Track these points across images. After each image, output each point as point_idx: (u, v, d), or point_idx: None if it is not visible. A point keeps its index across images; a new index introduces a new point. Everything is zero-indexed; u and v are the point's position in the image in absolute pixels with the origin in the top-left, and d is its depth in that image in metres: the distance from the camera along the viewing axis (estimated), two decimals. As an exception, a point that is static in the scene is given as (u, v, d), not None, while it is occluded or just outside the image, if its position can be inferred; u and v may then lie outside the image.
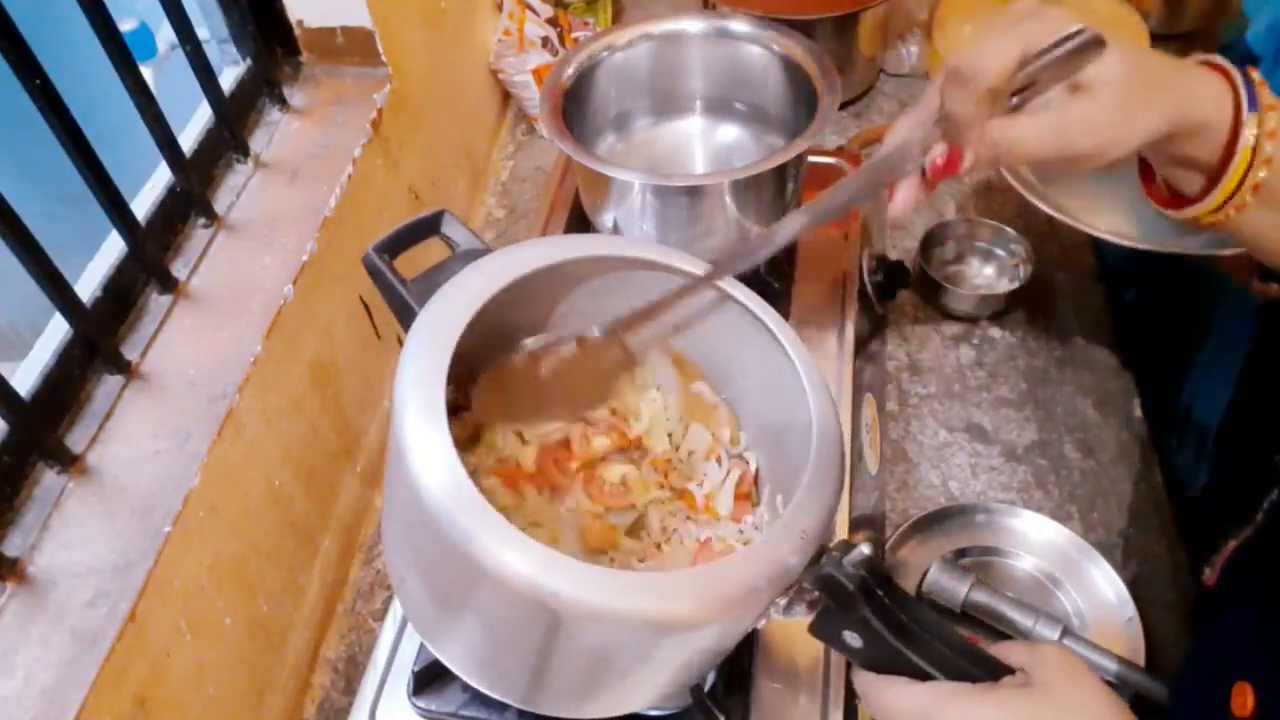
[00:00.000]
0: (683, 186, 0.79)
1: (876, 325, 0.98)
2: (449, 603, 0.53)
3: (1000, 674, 0.49)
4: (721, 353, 0.64)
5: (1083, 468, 0.93)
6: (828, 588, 0.48)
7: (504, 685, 0.57)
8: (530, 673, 0.53)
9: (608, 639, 0.48)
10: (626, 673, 0.52)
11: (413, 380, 0.47)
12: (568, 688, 0.55)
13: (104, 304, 0.72)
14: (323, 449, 0.86)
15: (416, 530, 0.50)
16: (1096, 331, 1.04)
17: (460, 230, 0.61)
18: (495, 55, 1.25)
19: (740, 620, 0.49)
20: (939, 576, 0.81)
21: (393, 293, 0.58)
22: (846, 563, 0.47)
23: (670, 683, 0.55)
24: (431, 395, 0.46)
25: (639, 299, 0.59)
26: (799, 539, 0.47)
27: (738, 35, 0.90)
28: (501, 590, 0.44)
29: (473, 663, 0.57)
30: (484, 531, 0.43)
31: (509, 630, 0.51)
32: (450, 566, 0.48)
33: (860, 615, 0.48)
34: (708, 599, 0.45)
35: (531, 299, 0.59)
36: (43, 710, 0.56)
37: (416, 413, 0.46)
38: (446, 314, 0.51)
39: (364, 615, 0.89)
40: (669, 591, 0.44)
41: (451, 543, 0.44)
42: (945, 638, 0.50)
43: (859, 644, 0.50)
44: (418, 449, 0.45)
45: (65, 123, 0.67)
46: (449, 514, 0.44)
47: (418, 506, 0.45)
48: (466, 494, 0.44)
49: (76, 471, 0.66)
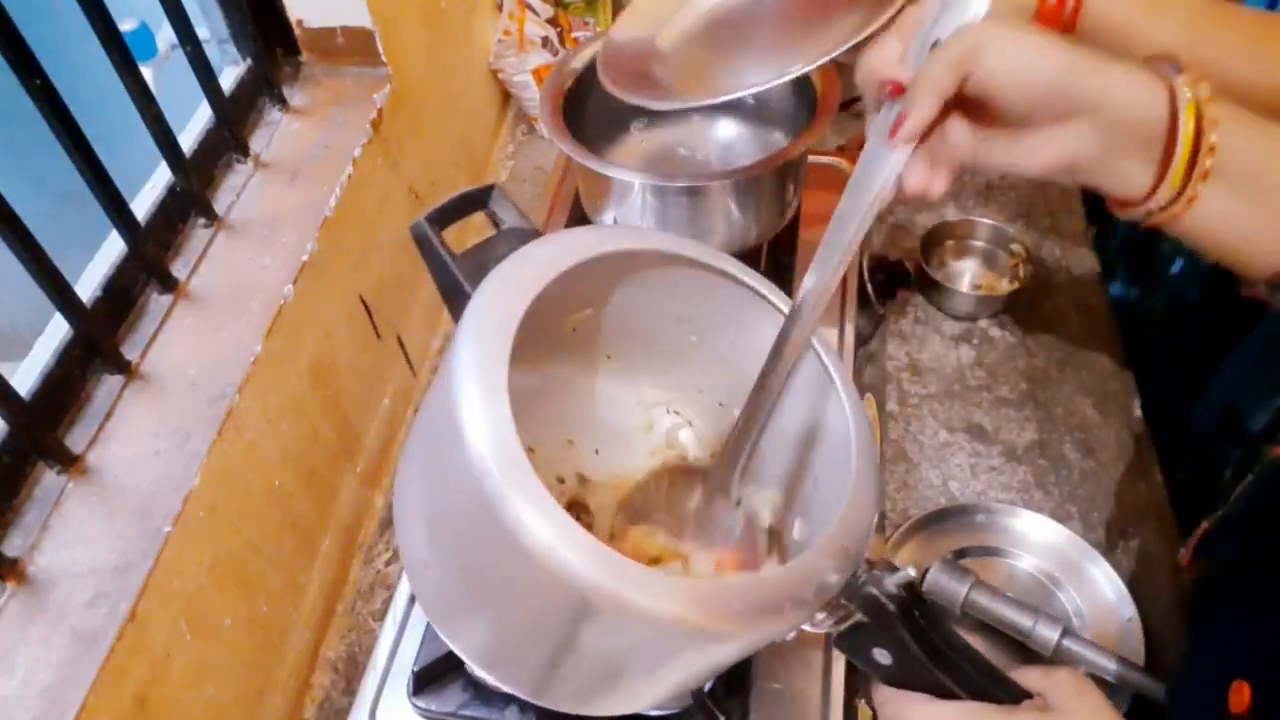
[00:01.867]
0: (683, 186, 0.79)
1: (876, 325, 0.98)
2: (473, 583, 0.52)
3: (1020, 698, 0.51)
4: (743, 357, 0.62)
5: (1083, 468, 0.93)
6: (867, 607, 0.48)
7: (516, 677, 0.56)
8: (546, 664, 0.52)
9: (633, 638, 0.47)
10: (643, 673, 0.52)
11: (472, 364, 0.45)
12: (580, 683, 0.54)
13: (104, 304, 0.72)
14: (323, 449, 0.86)
15: (452, 501, 0.48)
16: (1096, 331, 1.04)
17: (508, 207, 0.61)
18: (495, 55, 1.25)
19: (772, 634, 0.49)
20: (939, 576, 0.81)
21: (442, 267, 0.57)
22: (889, 583, 0.48)
23: (682, 686, 0.55)
24: (493, 373, 0.45)
25: (683, 296, 0.59)
26: (842, 556, 0.47)
27: (738, 35, 0.90)
28: (533, 569, 0.42)
29: (487, 652, 0.56)
30: (530, 505, 0.42)
31: (533, 615, 0.49)
32: (483, 539, 0.46)
33: (897, 635, 0.49)
34: (747, 611, 0.44)
35: (578, 284, 0.56)
36: (43, 710, 0.56)
37: (476, 390, 0.44)
38: (503, 303, 0.49)
39: (364, 615, 0.89)
40: (709, 599, 0.43)
41: (491, 512, 0.42)
42: (973, 660, 0.51)
43: (888, 661, 0.51)
44: (474, 418, 0.43)
45: (65, 123, 0.66)
46: (499, 483, 0.42)
47: (462, 473, 0.43)
48: (518, 464, 0.42)
49: (76, 471, 0.66)
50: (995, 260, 1.10)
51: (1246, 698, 0.51)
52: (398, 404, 1.00)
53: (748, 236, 0.85)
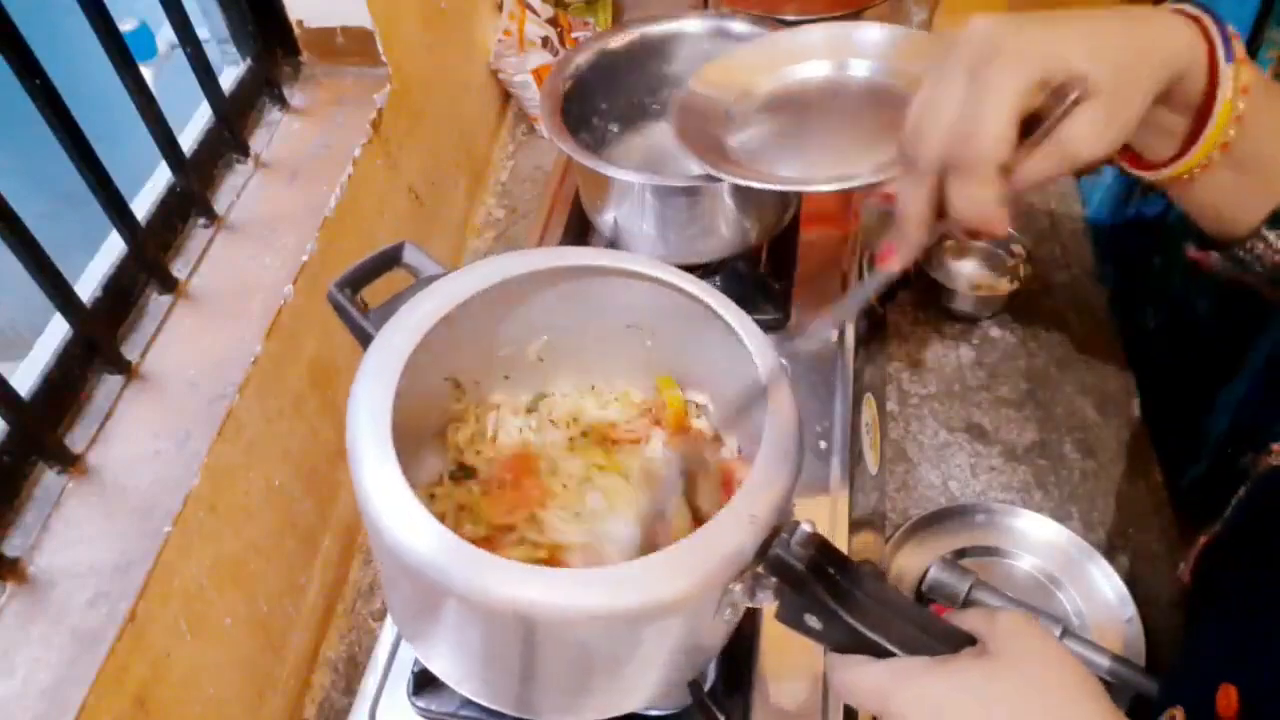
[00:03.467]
0: (683, 186, 0.79)
1: (876, 325, 0.98)
2: (427, 623, 0.54)
3: (960, 646, 0.48)
4: (696, 357, 0.64)
5: (1083, 468, 0.94)
6: (778, 570, 0.47)
7: (498, 696, 0.58)
8: (518, 680, 0.53)
9: (581, 639, 0.48)
10: (612, 671, 0.53)
11: (364, 406, 0.50)
12: (558, 692, 0.55)
13: (104, 304, 0.72)
14: (323, 449, 0.86)
15: (381, 553, 0.52)
16: (1096, 331, 1.04)
17: (421, 258, 0.62)
18: (495, 55, 1.25)
19: (702, 608, 0.49)
20: (939, 576, 0.81)
21: (355, 326, 0.59)
22: (793, 542, 0.46)
23: (662, 679, 0.55)
24: (380, 419, 0.49)
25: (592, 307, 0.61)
26: (748, 522, 0.47)
27: (737, 35, 0.90)
28: (470, 608, 0.46)
29: (463, 676, 0.58)
30: (441, 555, 0.45)
31: (488, 644, 0.52)
32: (418, 591, 0.50)
33: (814, 595, 0.47)
34: (661, 587, 0.45)
35: (486, 317, 0.60)
36: (43, 710, 0.56)
37: (366, 438, 0.48)
38: (394, 342, 0.53)
39: (364, 615, 0.89)
40: (624, 584, 0.45)
41: (412, 570, 0.45)
42: (904, 612, 0.48)
43: (819, 626, 0.49)
44: (368, 475, 0.47)
45: (65, 123, 0.67)
46: (401, 542, 0.45)
47: (374, 533, 0.47)
48: (418, 520, 0.46)
49: (76, 471, 0.66)
50: (995, 260, 1.10)
51: (1234, 702, 0.51)
52: (398, 404, 1.00)
53: (748, 236, 0.85)
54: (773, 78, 0.85)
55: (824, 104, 0.83)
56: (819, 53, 0.85)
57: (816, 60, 0.85)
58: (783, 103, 0.84)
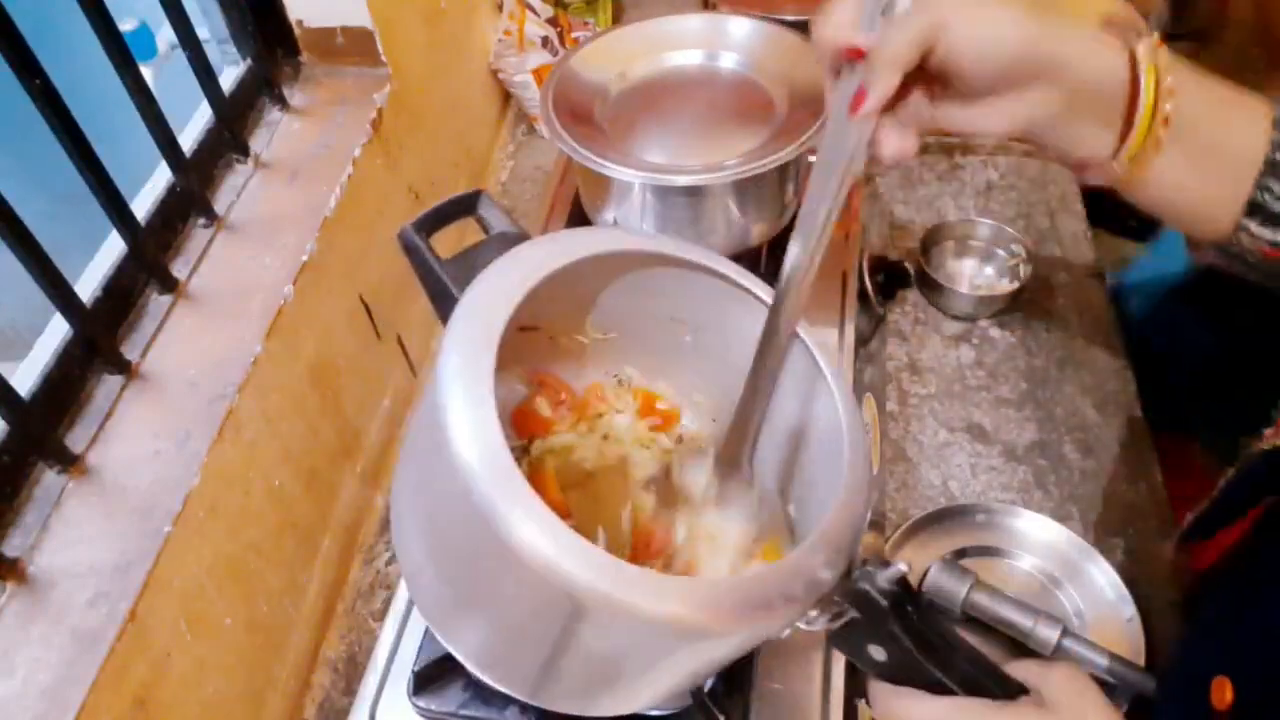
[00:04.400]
0: (683, 186, 0.79)
1: (876, 325, 0.98)
2: (467, 587, 0.52)
3: (1015, 694, 0.50)
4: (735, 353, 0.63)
5: (1083, 468, 0.93)
6: (860, 603, 0.48)
7: (513, 678, 0.56)
8: (542, 666, 0.52)
9: (627, 638, 0.48)
10: (639, 674, 0.52)
11: (458, 367, 0.46)
12: (576, 684, 0.54)
13: (104, 304, 0.72)
14: (323, 449, 0.86)
15: (445, 508, 0.49)
16: (1096, 331, 1.04)
17: (496, 212, 0.61)
18: (495, 55, 1.25)
19: (766, 631, 0.49)
20: (939, 576, 0.81)
21: (429, 272, 0.57)
22: (882, 579, 0.47)
23: (679, 686, 0.55)
24: (478, 380, 0.45)
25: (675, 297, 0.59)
26: (833, 552, 0.47)
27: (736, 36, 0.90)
28: (526, 573, 0.43)
29: (484, 654, 0.57)
30: (517, 509, 0.42)
31: (527, 618, 0.50)
32: (476, 544, 0.47)
33: (890, 630, 0.48)
34: (738, 610, 0.44)
35: (566, 288, 0.57)
36: (43, 710, 0.56)
37: (461, 396, 0.45)
38: (491, 304, 0.49)
39: (364, 615, 0.89)
40: (700, 599, 0.43)
41: (482, 519, 0.42)
42: (967, 654, 0.51)
43: (883, 657, 0.50)
44: (460, 425, 0.44)
45: (65, 123, 0.66)
46: (485, 488, 0.42)
47: (452, 480, 0.44)
48: (507, 470, 0.43)
49: (76, 471, 0.66)
50: (995, 260, 1.10)
51: (1229, 694, 0.51)
52: (398, 404, 1.00)
53: (748, 237, 0.85)
54: (649, 62, 0.89)
55: (693, 92, 0.88)
56: (694, 41, 0.90)
57: (692, 49, 0.90)
58: (656, 87, 0.88)
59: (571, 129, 0.81)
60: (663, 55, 0.90)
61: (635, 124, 0.85)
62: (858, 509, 0.50)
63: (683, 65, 0.90)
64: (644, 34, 0.90)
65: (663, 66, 0.90)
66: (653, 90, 0.88)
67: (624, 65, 0.89)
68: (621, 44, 0.90)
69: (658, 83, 0.89)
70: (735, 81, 0.88)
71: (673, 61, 0.90)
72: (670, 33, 0.90)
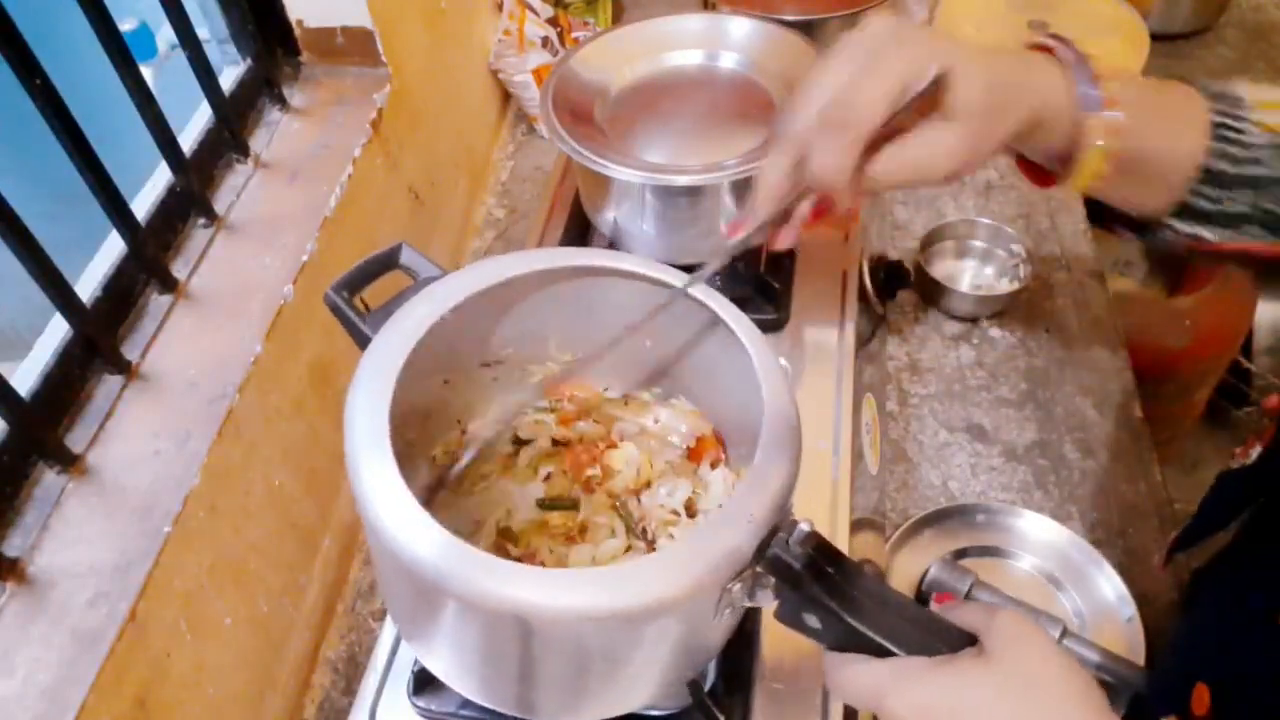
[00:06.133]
0: (683, 186, 0.79)
1: (876, 325, 0.98)
2: (426, 624, 0.54)
3: (959, 645, 0.48)
4: (690, 356, 0.64)
5: (1083, 468, 0.94)
6: (776, 569, 0.47)
7: (497, 696, 0.58)
8: (517, 681, 0.53)
9: (579, 638, 0.49)
10: (610, 672, 0.52)
11: (361, 410, 0.50)
12: (558, 692, 0.55)
13: (104, 304, 0.72)
14: (323, 449, 0.86)
15: (380, 554, 0.52)
16: (1096, 331, 1.04)
17: (419, 260, 0.62)
18: (495, 55, 1.25)
19: (701, 608, 0.49)
20: (939, 576, 0.81)
21: (354, 329, 0.60)
22: (791, 542, 0.47)
23: (661, 679, 0.55)
24: (377, 423, 0.49)
25: (591, 311, 0.61)
26: (746, 522, 0.47)
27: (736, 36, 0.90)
28: (468, 609, 0.46)
29: (462, 676, 0.58)
30: (440, 556, 0.45)
31: (486, 644, 0.52)
32: (416, 592, 0.50)
33: (811, 594, 0.47)
34: (658, 587, 0.45)
35: (483, 318, 0.61)
36: (43, 710, 0.56)
37: (364, 442, 0.49)
38: (391, 344, 0.53)
39: (364, 615, 0.89)
40: (621, 583, 0.45)
41: (410, 572, 0.45)
42: (903, 611, 0.49)
43: (818, 625, 0.49)
44: (366, 477, 0.47)
45: (65, 123, 0.66)
46: (399, 542, 0.45)
47: (373, 534, 0.47)
48: (416, 521, 0.46)
49: (76, 471, 0.66)
50: (995, 260, 1.10)
51: (1207, 701, 0.51)
52: (398, 404, 1.00)
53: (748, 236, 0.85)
54: (649, 62, 0.89)
55: (693, 92, 0.88)
56: (694, 41, 0.90)
57: (692, 49, 0.90)
58: (656, 87, 0.89)
59: (571, 129, 0.81)
60: (663, 55, 0.90)
61: (635, 124, 0.85)
62: (775, 475, 0.49)
63: (683, 65, 0.90)
64: (644, 34, 0.90)
65: (663, 66, 0.90)
66: (653, 90, 0.88)
67: (624, 65, 0.89)
68: (621, 44, 0.90)
69: (658, 83, 0.89)
70: (735, 81, 0.88)
71: (673, 61, 0.90)
72: (670, 33, 0.90)
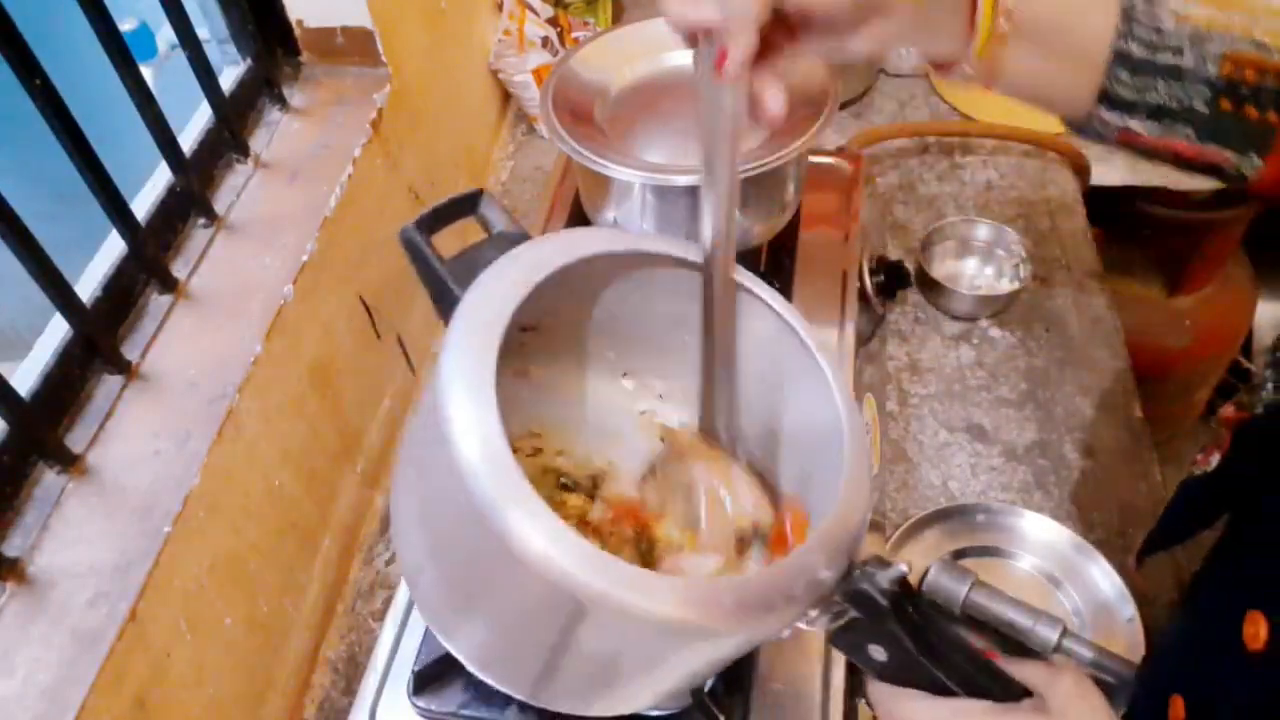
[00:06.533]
0: (683, 186, 0.79)
1: (876, 325, 0.98)
2: (467, 587, 0.52)
3: (1017, 696, 0.50)
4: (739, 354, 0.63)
5: (1083, 468, 0.93)
6: (860, 603, 0.48)
7: (512, 678, 0.56)
8: (542, 665, 0.52)
9: (627, 638, 0.47)
10: (638, 673, 0.52)
11: (460, 367, 0.46)
12: (576, 684, 0.54)
13: (104, 304, 0.72)
14: (323, 449, 0.86)
15: (445, 507, 0.49)
16: (1096, 331, 1.04)
17: (497, 211, 0.61)
18: (495, 55, 1.25)
19: (766, 631, 0.49)
20: (939, 576, 0.81)
21: (430, 272, 0.56)
22: (882, 578, 0.47)
23: (679, 685, 0.55)
24: (480, 379, 0.45)
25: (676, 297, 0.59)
26: (834, 552, 0.47)
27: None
28: (525, 573, 0.42)
29: (483, 653, 0.57)
30: (518, 509, 0.42)
31: (526, 618, 0.50)
32: (476, 544, 0.47)
33: (890, 631, 0.48)
34: (738, 609, 0.44)
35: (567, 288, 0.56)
36: (43, 710, 0.56)
37: (463, 396, 0.44)
38: (492, 304, 0.49)
39: (364, 615, 0.89)
40: (701, 598, 0.43)
41: (482, 518, 0.42)
42: (968, 655, 0.51)
43: (884, 658, 0.50)
44: (461, 425, 0.43)
45: (65, 123, 0.66)
46: (485, 486, 0.42)
47: (452, 480, 0.43)
48: (508, 469, 0.43)
49: (76, 471, 0.66)
50: (995, 260, 1.10)
51: (1263, 630, 0.48)
52: (398, 404, 1.00)
53: (748, 237, 0.85)
54: (649, 62, 0.89)
55: (692, 92, 0.86)
56: None
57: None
58: (656, 87, 0.88)
59: (571, 129, 0.81)
60: (663, 55, 0.90)
61: (635, 124, 0.84)
62: (859, 509, 0.50)
63: (683, 65, 0.90)
64: (644, 34, 0.90)
65: (663, 66, 0.90)
66: (653, 90, 0.88)
67: (624, 65, 0.89)
68: (621, 44, 0.90)
69: (658, 83, 0.89)
70: None
71: (673, 61, 0.90)
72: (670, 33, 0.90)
